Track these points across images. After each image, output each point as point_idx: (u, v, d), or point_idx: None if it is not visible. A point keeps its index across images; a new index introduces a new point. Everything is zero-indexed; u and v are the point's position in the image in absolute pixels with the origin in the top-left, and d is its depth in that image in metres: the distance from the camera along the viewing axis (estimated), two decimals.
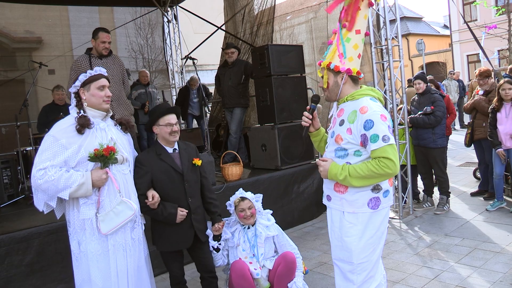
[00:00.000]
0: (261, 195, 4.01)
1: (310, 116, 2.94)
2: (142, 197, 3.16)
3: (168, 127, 3.32)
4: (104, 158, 2.81)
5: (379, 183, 2.71)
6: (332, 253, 2.93)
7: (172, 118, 3.36)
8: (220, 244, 3.67)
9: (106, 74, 3.05)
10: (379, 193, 2.72)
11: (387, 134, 2.57)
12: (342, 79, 2.76)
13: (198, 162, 3.49)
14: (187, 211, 3.36)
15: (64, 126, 2.85)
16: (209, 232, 3.61)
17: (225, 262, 3.79)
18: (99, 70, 3.01)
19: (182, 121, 9.37)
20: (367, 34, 2.88)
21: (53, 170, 2.72)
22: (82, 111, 2.90)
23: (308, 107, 2.96)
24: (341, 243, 2.79)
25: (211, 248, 3.66)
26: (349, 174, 2.62)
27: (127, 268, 2.96)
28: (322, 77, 2.83)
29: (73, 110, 2.94)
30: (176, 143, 3.46)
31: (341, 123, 2.74)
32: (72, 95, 2.97)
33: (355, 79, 2.81)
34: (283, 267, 3.73)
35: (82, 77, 2.93)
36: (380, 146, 2.56)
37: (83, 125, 2.83)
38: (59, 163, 2.76)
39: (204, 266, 3.62)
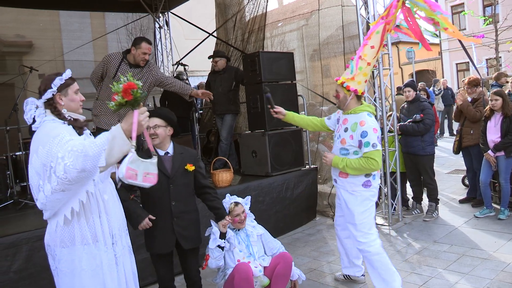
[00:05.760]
0: (249, 197, 4.12)
1: (277, 110, 4.23)
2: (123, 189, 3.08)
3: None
4: (130, 100, 2.34)
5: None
6: (345, 217, 4.05)
7: (150, 121, 3.22)
8: (225, 242, 3.65)
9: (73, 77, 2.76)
10: (370, 177, 3.85)
11: (376, 142, 3.70)
12: (350, 96, 3.83)
13: (190, 167, 3.46)
14: (151, 224, 3.27)
15: (61, 130, 2.48)
16: (215, 230, 3.60)
17: (221, 264, 3.79)
18: (69, 73, 2.71)
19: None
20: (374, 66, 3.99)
21: (71, 143, 2.30)
22: (69, 117, 2.64)
23: (269, 106, 4.23)
24: (348, 210, 3.93)
25: (216, 246, 3.61)
26: (346, 165, 3.78)
27: (126, 277, 2.75)
28: (336, 90, 3.93)
29: (48, 121, 2.58)
30: (172, 148, 3.45)
31: (345, 130, 3.87)
32: (42, 104, 2.65)
33: (359, 97, 3.90)
34: (282, 266, 3.79)
35: (58, 81, 2.63)
36: (369, 150, 3.70)
37: (81, 127, 2.65)
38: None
39: (187, 277, 3.62)
